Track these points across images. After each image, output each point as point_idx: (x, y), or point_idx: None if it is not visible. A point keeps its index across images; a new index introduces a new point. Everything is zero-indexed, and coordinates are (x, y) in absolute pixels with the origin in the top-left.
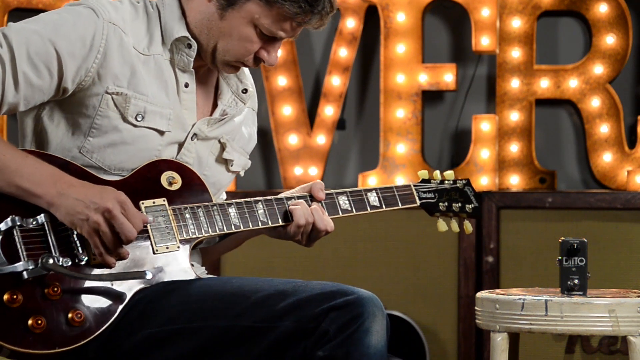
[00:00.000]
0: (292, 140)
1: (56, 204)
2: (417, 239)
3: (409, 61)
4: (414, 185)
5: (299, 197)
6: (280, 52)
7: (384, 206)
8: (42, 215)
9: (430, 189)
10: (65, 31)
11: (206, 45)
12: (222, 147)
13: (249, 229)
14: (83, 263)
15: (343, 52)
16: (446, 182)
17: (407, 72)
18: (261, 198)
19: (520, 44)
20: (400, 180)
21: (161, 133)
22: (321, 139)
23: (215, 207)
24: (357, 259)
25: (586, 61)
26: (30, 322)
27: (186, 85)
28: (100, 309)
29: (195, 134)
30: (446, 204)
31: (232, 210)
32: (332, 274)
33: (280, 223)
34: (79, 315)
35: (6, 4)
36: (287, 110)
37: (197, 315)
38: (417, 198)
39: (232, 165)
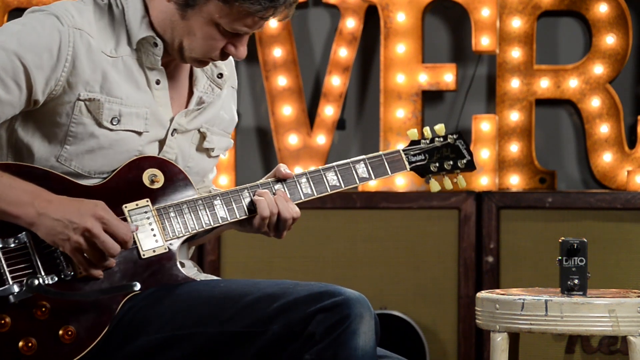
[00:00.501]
0: (292, 140)
1: (36, 224)
2: (417, 239)
3: (409, 61)
4: (403, 150)
5: (262, 185)
6: (280, 52)
7: (373, 176)
8: (24, 233)
9: (420, 150)
10: (31, 43)
11: (171, 43)
12: (203, 137)
13: (236, 219)
14: (69, 278)
15: (343, 52)
16: (436, 139)
17: (407, 72)
18: (247, 185)
19: (520, 44)
20: (400, 180)
21: (139, 134)
22: (321, 139)
23: (200, 202)
24: (357, 259)
25: (586, 61)
26: (20, 344)
27: (157, 82)
28: (90, 322)
29: (175, 129)
30: (437, 164)
31: (217, 202)
32: (332, 274)
33: (246, 216)
34: (70, 332)
35: (6, 4)
36: (287, 110)
37: (186, 322)
38: (406, 163)
39: (213, 152)
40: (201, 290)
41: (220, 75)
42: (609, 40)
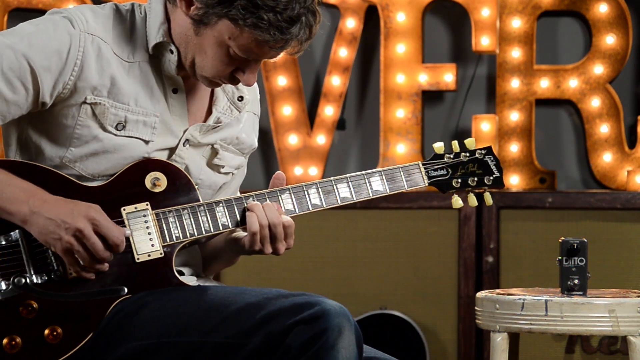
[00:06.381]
0: (292, 140)
1: (29, 222)
2: (417, 239)
3: (409, 61)
4: (423, 164)
5: (267, 194)
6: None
7: (388, 190)
8: (17, 231)
9: (443, 165)
10: (41, 44)
11: (185, 56)
12: (215, 152)
13: (237, 226)
14: (59, 279)
15: (343, 52)
16: (462, 154)
17: (407, 72)
18: (253, 193)
19: (520, 44)
20: None
21: (146, 142)
22: (321, 139)
23: (202, 207)
24: (357, 259)
25: (586, 61)
26: (4, 342)
27: (174, 91)
28: (78, 324)
29: (187, 140)
30: (460, 180)
31: (220, 209)
32: (332, 274)
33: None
34: (56, 333)
35: (6, 4)
36: (287, 110)
37: (171, 330)
38: (425, 178)
39: (223, 169)
40: (187, 297)
41: (241, 98)
42: (609, 40)
